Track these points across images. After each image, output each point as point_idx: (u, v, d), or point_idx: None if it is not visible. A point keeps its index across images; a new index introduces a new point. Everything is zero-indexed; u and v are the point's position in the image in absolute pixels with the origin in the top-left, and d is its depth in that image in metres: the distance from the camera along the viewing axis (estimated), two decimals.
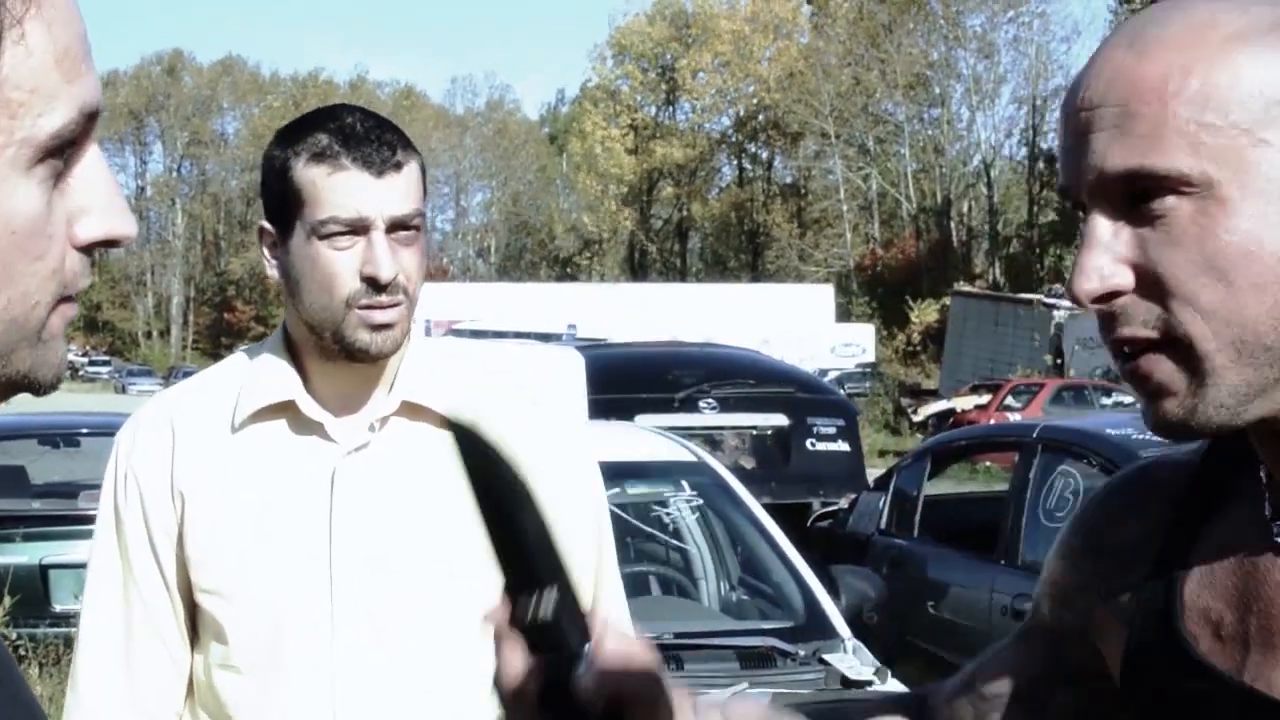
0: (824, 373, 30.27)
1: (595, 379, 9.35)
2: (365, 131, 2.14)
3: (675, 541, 5.72)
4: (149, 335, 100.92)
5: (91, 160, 1.00)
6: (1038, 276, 60.34)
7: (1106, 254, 1.21)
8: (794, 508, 9.64)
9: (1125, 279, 1.21)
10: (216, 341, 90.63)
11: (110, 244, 1.01)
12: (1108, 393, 31.04)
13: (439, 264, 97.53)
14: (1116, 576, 1.42)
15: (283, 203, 2.17)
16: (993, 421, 26.07)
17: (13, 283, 0.95)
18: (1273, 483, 1.30)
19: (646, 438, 6.36)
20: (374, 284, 2.13)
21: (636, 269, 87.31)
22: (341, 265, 2.13)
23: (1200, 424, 1.21)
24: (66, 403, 24.80)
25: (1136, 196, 1.19)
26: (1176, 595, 1.35)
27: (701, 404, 10.39)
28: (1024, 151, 70.94)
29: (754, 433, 10.54)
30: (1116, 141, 1.19)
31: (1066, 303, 47.34)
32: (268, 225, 2.22)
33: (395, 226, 2.14)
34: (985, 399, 32.64)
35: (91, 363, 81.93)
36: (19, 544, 8.64)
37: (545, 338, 22.28)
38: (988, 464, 23.01)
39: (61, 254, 0.98)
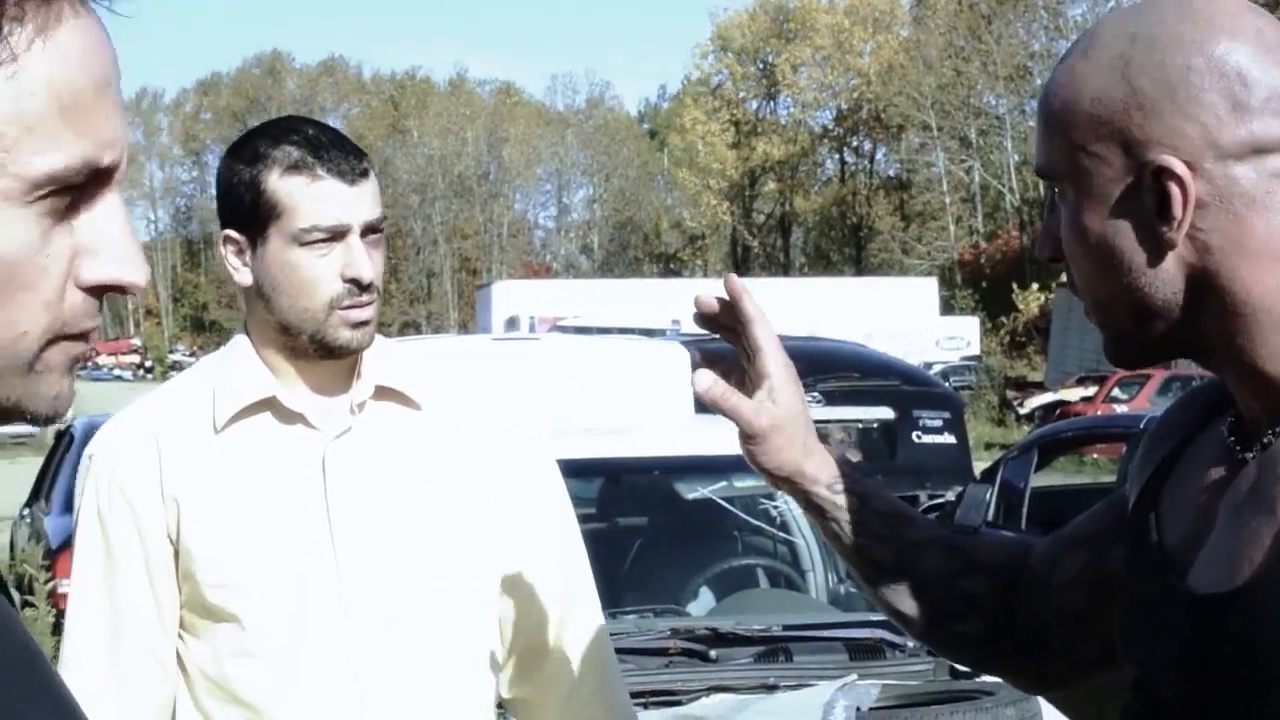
0: (929, 366, 29.99)
1: None
2: (330, 142, 2.31)
3: (782, 534, 5.72)
4: None
5: (107, 206, 1.02)
6: None
7: None
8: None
9: None
10: None
11: (118, 289, 1.02)
12: None
13: (542, 261, 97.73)
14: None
15: (255, 213, 2.29)
16: (1099, 413, 25.84)
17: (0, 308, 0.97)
18: (1239, 419, 1.50)
19: None
20: (357, 285, 2.29)
21: (739, 264, 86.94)
22: (323, 270, 2.29)
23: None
24: None
25: None
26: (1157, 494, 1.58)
27: (807, 397, 10.34)
28: None
29: (860, 426, 10.48)
30: None
31: None
32: (234, 233, 2.34)
33: (367, 230, 2.31)
34: (1092, 391, 32.26)
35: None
36: None
37: (649, 333, 22.26)
38: (1095, 456, 22.79)
39: (59, 289, 0.99)
